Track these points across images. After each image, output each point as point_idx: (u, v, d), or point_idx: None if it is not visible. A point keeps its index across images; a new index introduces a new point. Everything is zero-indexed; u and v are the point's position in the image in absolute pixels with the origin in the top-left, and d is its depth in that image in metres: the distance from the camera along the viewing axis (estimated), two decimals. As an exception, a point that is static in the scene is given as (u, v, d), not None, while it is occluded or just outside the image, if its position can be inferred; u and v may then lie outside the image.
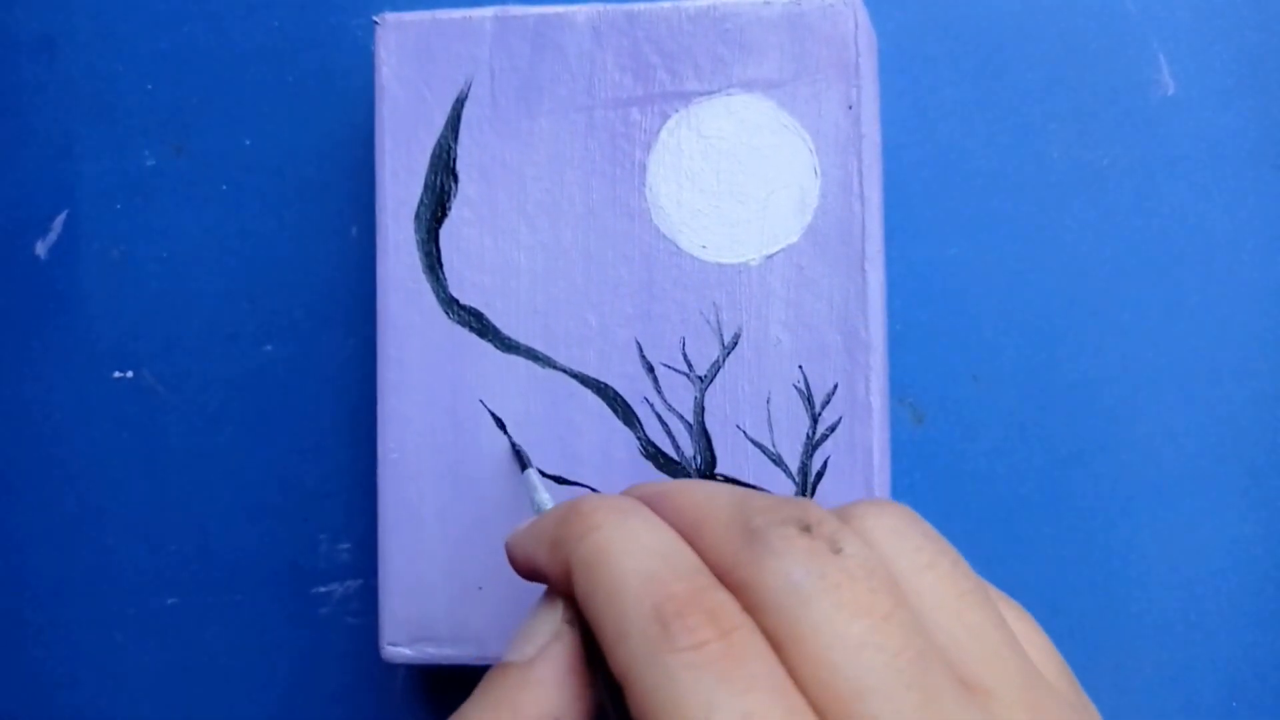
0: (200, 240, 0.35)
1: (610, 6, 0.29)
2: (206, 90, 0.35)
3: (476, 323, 0.29)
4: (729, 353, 0.28)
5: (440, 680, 0.34)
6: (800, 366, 0.28)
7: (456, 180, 0.29)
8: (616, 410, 0.29)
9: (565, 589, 0.19)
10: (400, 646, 0.29)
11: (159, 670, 0.35)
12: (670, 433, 0.29)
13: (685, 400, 0.29)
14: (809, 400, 0.28)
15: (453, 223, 0.29)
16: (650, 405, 0.29)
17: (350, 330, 0.34)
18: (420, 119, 0.29)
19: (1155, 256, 0.33)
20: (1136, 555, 0.33)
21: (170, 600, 0.35)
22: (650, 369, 0.29)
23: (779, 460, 0.28)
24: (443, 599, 0.29)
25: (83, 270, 0.35)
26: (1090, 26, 0.33)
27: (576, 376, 0.29)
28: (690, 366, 0.29)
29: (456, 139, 0.29)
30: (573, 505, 0.19)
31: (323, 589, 0.34)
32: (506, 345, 0.29)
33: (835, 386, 0.28)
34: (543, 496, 0.26)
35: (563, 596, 0.19)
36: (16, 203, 0.36)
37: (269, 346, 0.35)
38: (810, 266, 0.28)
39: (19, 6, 0.36)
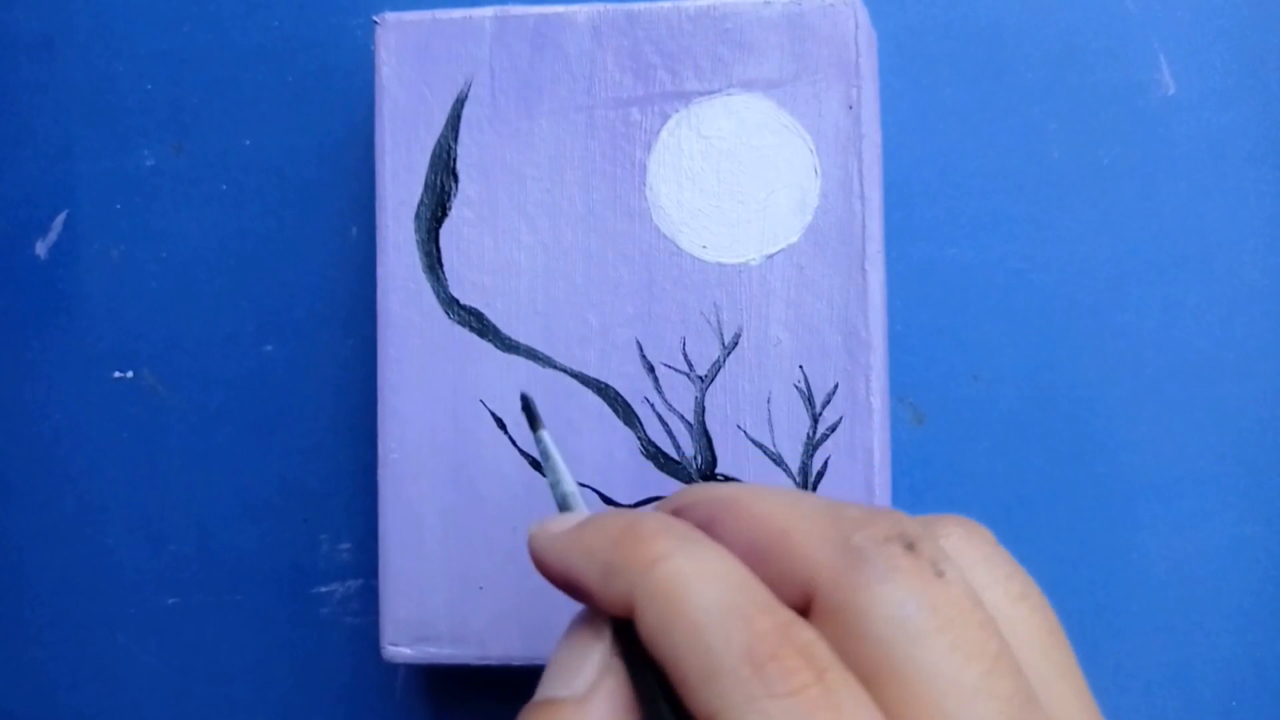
0: (200, 240, 0.35)
1: (610, 6, 0.29)
2: (206, 90, 0.35)
3: (477, 322, 0.29)
4: (729, 352, 0.28)
5: (440, 680, 0.34)
6: (801, 366, 0.28)
7: (456, 180, 0.29)
8: (617, 410, 0.29)
9: (616, 615, 0.17)
10: (401, 646, 0.29)
11: (159, 670, 0.35)
12: (671, 432, 0.29)
13: (686, 400, 0.29)
14: (809, 400, 0.28)
15: (453, 222, 0.29)
16: (651, 405, 0.29)
17: (350, 330, 0.34)
18: (420, 119, 0.29)
19: (1155, 256, 0.33)
20: (1136, 555, 0.33)
21: (170, 600, 0.35)
22: (651, 369, 0.29)
23: (779, 460, 0.28)
24: (443, 599, 0.29)
25: (83, 270, 0.35)
26: (1090, 26, 0.33)
27: (577, 376, 0.29)
28: (691, 366, 0.29)
29: (457, 139, 0.29)
30: (630, 528, 0.18)
31: (323, 589, 0.34)
32: (507, 345, 0.29)
33: (835, 386, 0.28)
34: (564, 482, 0.23)
35: (610, 623, 0.18)
36: (16, 203, 0.36)
37: (269, 346, 0.35)
38: (810, 266, 0.28)
39: (19, 6, 0.36)
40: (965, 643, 0.15)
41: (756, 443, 0.28)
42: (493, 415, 0.29)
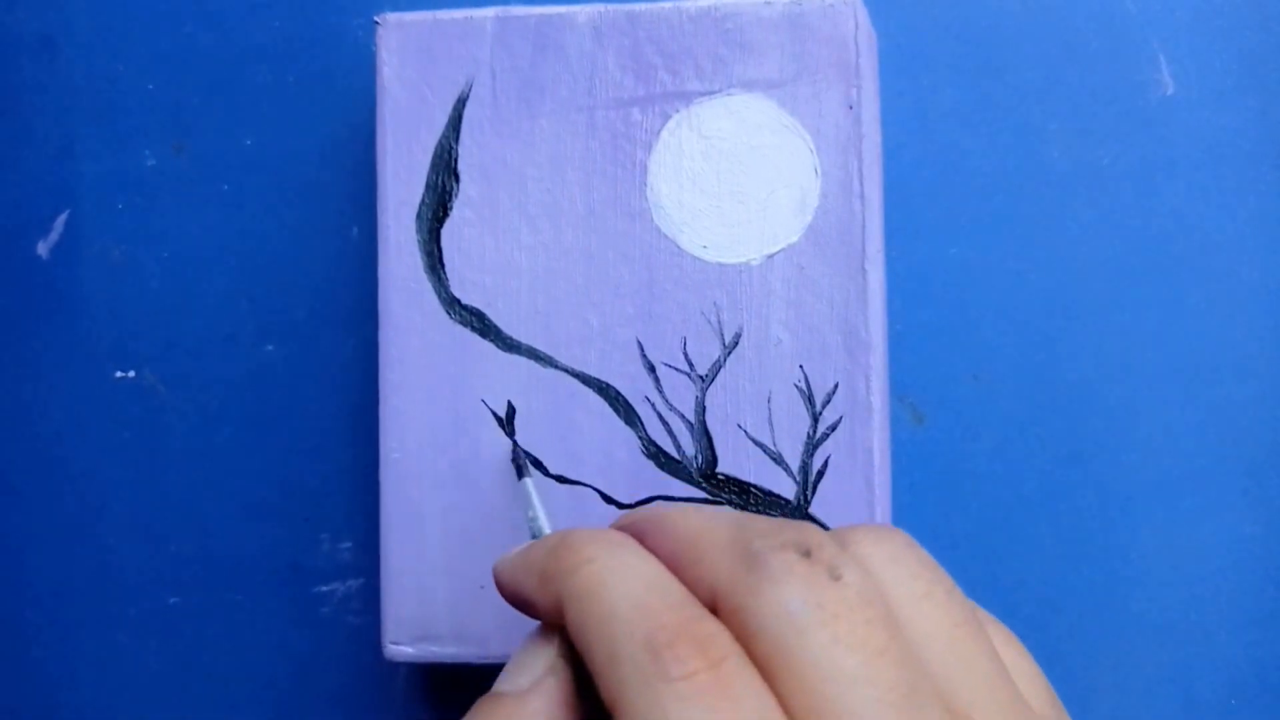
0: (201, 240, 0.35)
1: (611, 7, 0.29)
2: (206, 90, 0.35)
3: (478, 322, 0.29)
4: (730, 352, 0.29)
5: (442, 679, 0.34)
6: (801, 366, 0.28)
7: (458, 180, 0.29)
8: (618, 410, 0.29)
9: (556, 622, 0.19)
10: (402, 645, 0.29)
11: (159, 670, 0.35)
12: (671, 432, 0.29)
13: (686, 400, 0.29)
14: (809, 400, 0.28)
15: (454, 223, 0.29)
16: (651, 405, 0.29)
17: (351, 330, 0.34)
18: (421, 119, 0.29)
19: (1155, 256, 0.33)
20: (1136, 555, 0.33)
21: (170, 600, 0.35)
22: (651, 368, 0.29)
23: (779, 459, 0.28)
24: (444, 598, 0.29)
25: (84, 270, 0.35)
26: (1090, 26, 0.33)
27: (578, 376, 0.29)
28: (691, 366, 0.29)
29: (458, 139, 0.29)
30: (563, 538, 0.19)
31: (324, 588, 0.34)
32: (508, 345, 0.29)
33: (836, 386, 0.28)
34: (539, 517, 0.26)
35: (557, 631, 0.19)
36: (17, 203, 0.36)
37: (270, 346, 0.35)
38: (811, 266, 0.28)
39: (19, 6, 0.36)
40: (848, 635, 0.16)
41: (757, 442, 0.28)
42: (494, 415, 0.29)
